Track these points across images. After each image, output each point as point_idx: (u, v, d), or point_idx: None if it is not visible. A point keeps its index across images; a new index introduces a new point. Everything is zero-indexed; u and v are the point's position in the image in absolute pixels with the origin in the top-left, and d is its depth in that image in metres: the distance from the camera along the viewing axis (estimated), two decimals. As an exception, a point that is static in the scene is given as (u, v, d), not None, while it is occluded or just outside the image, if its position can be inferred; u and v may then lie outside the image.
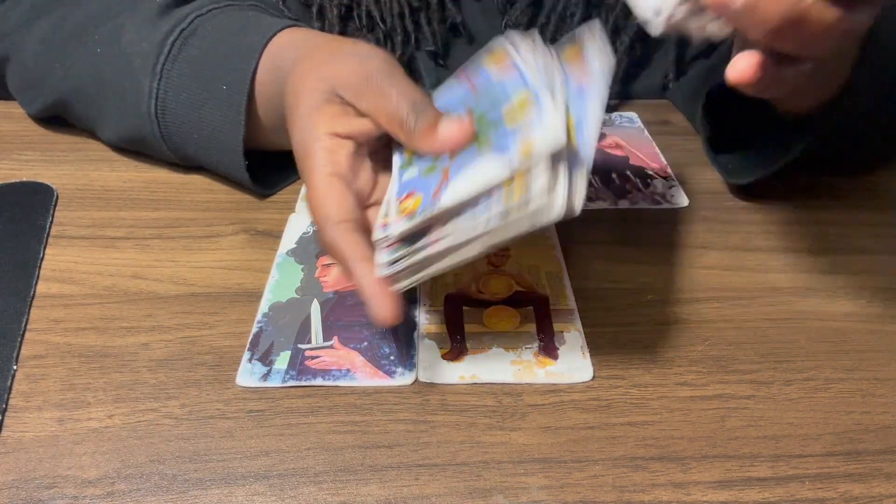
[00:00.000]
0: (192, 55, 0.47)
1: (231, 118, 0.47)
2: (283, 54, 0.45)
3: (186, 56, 0.48)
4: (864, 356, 0.39)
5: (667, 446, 0.34)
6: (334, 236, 0.36)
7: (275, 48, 0.46)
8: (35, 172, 0.52)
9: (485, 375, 0.37)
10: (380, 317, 0.35)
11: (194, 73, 0.47)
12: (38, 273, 0.43)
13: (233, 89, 0.46)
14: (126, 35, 0.49)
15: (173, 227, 0.47)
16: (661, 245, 0.47)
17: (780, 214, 0.50)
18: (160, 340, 0.39)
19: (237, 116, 0.46)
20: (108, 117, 0.51)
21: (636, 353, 0.39)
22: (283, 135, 0.47)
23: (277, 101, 0.44)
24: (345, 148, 0.39)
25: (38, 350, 0.38)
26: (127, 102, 0.49)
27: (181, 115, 0.48)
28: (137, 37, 0.49)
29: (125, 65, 0.49)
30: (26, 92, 0.55)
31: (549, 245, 0.46)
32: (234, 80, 0.46)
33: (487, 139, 0.35)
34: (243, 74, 0.46)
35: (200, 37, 0.48)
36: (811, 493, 0.32)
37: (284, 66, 0.44)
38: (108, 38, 0.50)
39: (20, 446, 0.34)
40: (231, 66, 0.47)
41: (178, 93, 0.47)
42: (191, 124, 0.48)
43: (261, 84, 0.46)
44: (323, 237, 0.37)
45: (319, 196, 0.37)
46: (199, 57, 0.47)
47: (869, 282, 0.44)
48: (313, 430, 0.35)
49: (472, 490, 0.32)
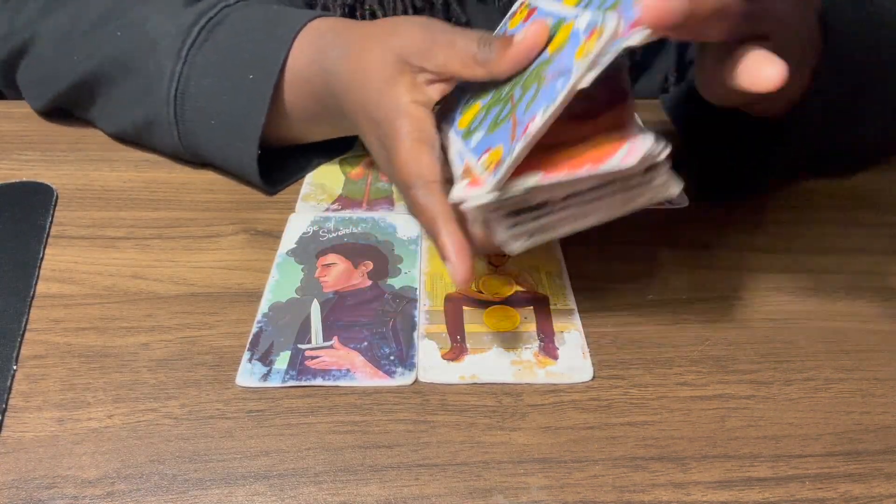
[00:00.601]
0: (220, 43, 0.48)
1: (254, 106, 0.47)
2: (324, 40, 0.46)
3: (213, 44, 0.48)
4: (864, 356, 0.39)
5: (667, 446, 0.34)
6: (425, 194, 0.38)
7: (313, 35, 0.47)
8: (35, 172, 0.52)
9: (485, 375, 0.37)
10: (458, 278, 0.36)
11: (220, 61, 0.47)
12: (38, 273, 0.43)
13: (259, 78, 0.47)
14: (152, 21, 0.49)
15: (173, 227, 0.47)
16: (661, 245, 0.47)
17: (780, 214, 0.50)
18: (160, 340, 0.39)
19: (261, 104, 0.47)
20: (121, 102, 0.51)
21: (636, 353, 0.39)
22: (315, 123, 0.49)
23: (320, 85, 0.45)
24: (428, 116, 0.40)
25: (38, 350, 0.38)
26: (146, 85, 0.49)
27: (201, 100, 0.48)
28: (164, 22, 0.49)
29: (149, 48, 0.49)
30: (40, 85, 0.55)
31: (549, 245, 0.46)
32: (262, 69, 0.47)
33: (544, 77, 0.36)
34: (272, 65, 0.46)
35: (228, 26, 0.48)
36: (811, 493, 0.32)
37: (328, 51, 0.45)
38: (131, 25, 0.50)
39: (20, 446, 0.34)
40: (260, 55, 0.47)
41: (200, 78, 0.48)
42: (210, 109, 0.48)
43: (295, 71, 0.47)
44: (414, 197, 0.38)
45: (409, 160, 0.38)
46: (227, 45, 0.48)
47: (869, 282, 0.44)
48: (313, 430, 0.35)
49: (472, 490, 0.32)
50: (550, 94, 0.33)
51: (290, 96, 0.48)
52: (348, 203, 0.50)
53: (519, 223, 0.36)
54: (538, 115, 0.33)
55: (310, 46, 0.46)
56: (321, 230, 0.47)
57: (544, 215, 0.36)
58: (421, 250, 0.46)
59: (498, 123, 0.37)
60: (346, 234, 0.47)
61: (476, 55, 0.39)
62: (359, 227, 0.47)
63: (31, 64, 0.54)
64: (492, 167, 0.35)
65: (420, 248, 0.46)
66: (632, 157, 0.33)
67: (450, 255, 0.37)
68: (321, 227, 0.47)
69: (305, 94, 0.47)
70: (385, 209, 0.49)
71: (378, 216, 0.49)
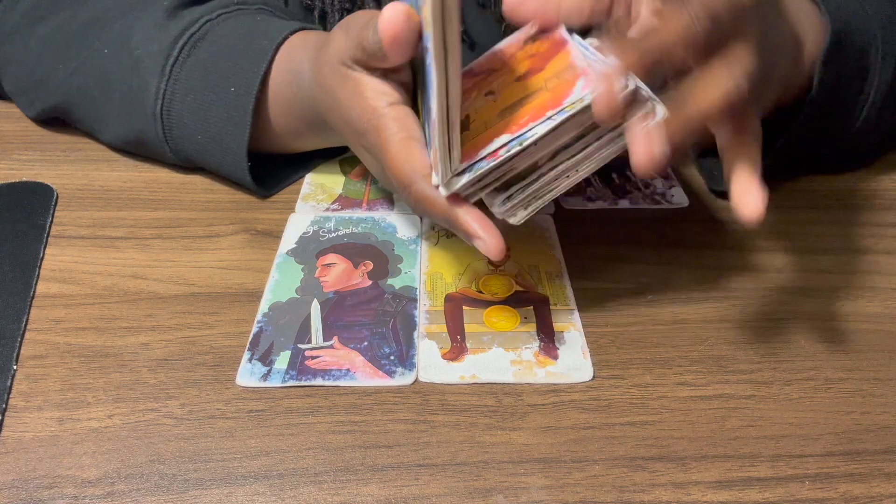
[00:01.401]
0: (202, 58, 0.48)
1: (237, 120, 0.47)
2: (298, 56, 0.46)
3: (195, 59, 0.48)
4: (864, 356, 0.39)
5: (667, 446, 0.34)
6: (426, 187, 0.37)
7: (289, 50, 0.47)
8: (35, 172, 0.52)
9: (485, 375, 0.37)
10: (493, 251, 0.36)
11: (203, 77, 0.47)
12: (38, 273, 0.43)
13: (241, 92, 0.47)
14: (135, 37, 0.49)
15: (173, 227, 0.47)
16: (661, 245, 0.47)
17: (780, 214, 0.50)
18: (160, 340, 0.39)
19: (244, 118, 0.47)
20: (111, 119, 0.51)
21: (636, 353, 0.39)
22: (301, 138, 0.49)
23: (302, 101, 0.45)
24: (408, 113, 0.39)
25: (38, 350, 0.38)
26: (132, 102, 0.49)
27: (186, 116, 0.48)
28: (146, 38, 0.49)
29: (133, 65, 0.49)
30: (26, 94, 0.55)
31: (549, 245, 0.46)
32: (243, 83, 0.47)
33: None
34: (252, 78, 0.46)
35: (210, 41, 0.48)
36: (811, 493, 0.32)
37: (302, 69, 0.45)
38: (115, 40, 0.50)
39: (20, 446, 0.34)
40: (240, 69, 0.47)
41: (185, 94, 0.48)
42: (195, 126, 0.48)
43: (277, 86, 0.47)
44: (416, 194, 0.38)
45: (402, 159, 0.38)
46: (209, 60, 0.48)
47: (869, 282, 0.44)
48: (313, 430, 0.35)
49: (472, 490, 0.32)
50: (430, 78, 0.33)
51: (273, 113, 0.48)
52: (348, 203, 0.50)
53: (512, 195, 0.36)
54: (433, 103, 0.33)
55: (287, 63, 0.47)
56: (321, 230, 0.47)
57: (535, 181, 0.36)
58: (421, 250, 0.46)
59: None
60: (346, 234, 0.47)
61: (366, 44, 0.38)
62: (359, 227, 0.47)
63: (17, 73, 0.55)
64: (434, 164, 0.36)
65: (420, 248, 0.46)
66: (590, 86, 0.33)
67: (476, 232, 0.36)
68: (321, 227, 0.47)
69: (286, 113, 0.47)
70: (385, 209, 0.49)
71: (378, 216, 0.49)
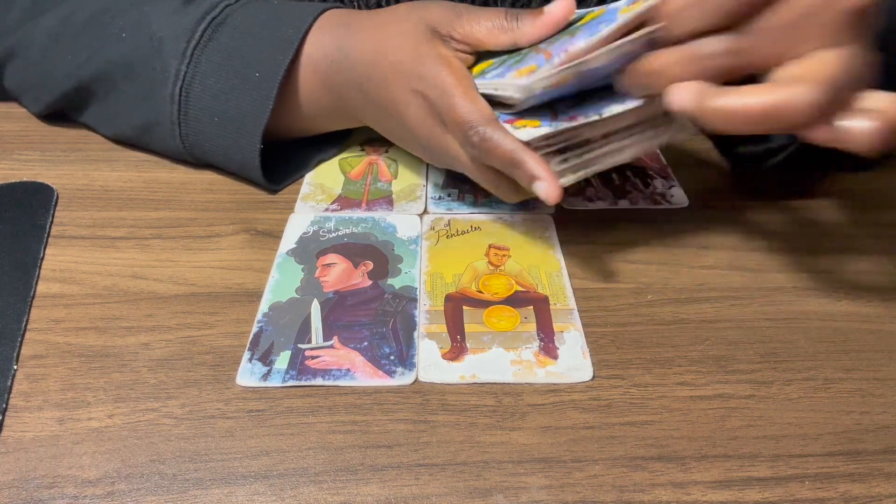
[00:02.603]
0: (224, 43, 0.48)
1: (260, 102, 0.47)
2: (339, 31, 0.47)
3: (217, 44, 0.48)
4: (864, 356, 0.39)
5: (667, 446, 0.34)
6: (494, 130, 0.40)
7: (326, 27, 0.48)
8: (35, 172, 0.52)
9: (485, 375, 0.37)
10: (552, 194, 0.39)
11: (225, 61, 0.48)
12: (38, 273, 0.43)
13: (266, 76, 0.47)
14: (154, 23, 0.50)
15: (173, 226, 0.47)
16: (661, 245, 0.47)
17: (780, 214, 0.50)
18: (160, 340, 0.39)
19: (266, 101, 0.47)
20: (125, 105, 0.51)
21: (636, 353, 0.39)
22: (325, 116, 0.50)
23: (335, 75, 0.47)
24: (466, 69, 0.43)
25: (38, 350, 0.38)
26: (153, 84, 0.49)
27: (205, 98, 0.48)
28: (167, 23, 0.49)
29: (156, 48, 0.49)
30: (33, 89, 0.55)
31: (549, 245, 0.46)
32: (270, 67, 0.47)
33: (578, 30, 0.40)
34: (280, 62, 0.47)
35: (231, 25, 0.49)
36: (811, 493, 0.32)
37: (346, 39, 0.47)
38: (133, 26, 0.50)
39: (20, 446, 0.34)
40: (267, 54, 0.47)
41: (205, 78, 0.48)
42: (214, 108, 0.48)
43: (310, 65, 0.48)
44: (482, 135, 0.40)
45: (468, 102, 0.41)
46: (232, 45, 0.48)
47: (869, 282, 0.44)
48: (313, 430, 0.35)
49: (472, 490, 0.32)
50: (593, 31, 0.38)
51: (302, 90, 0.48)
52: (348, 203, 0.50)
53: (567, 159, 0.41)
54: (580, 42, 0.37)
55: (326, 38, 0.47)
56: (321, 230, 0.47)
57: (587, 151, 0.41)
58: (421, 250, 0.46)
59: (520, 60, 0.41)
60: (346, 234, 0.47)
61: (503, 23, 0.42)
62: (359, 227, 0.47)
63: (21, 67, 0.54)
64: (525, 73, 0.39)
65: (420, 248, 0.46)
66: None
67: (541, 174, 0.39)
68: (321, 227, 0.48)
69: (317, 87, 0.48)
70: (385, 209, 0.49)
71: (378, 216, 0.49)
